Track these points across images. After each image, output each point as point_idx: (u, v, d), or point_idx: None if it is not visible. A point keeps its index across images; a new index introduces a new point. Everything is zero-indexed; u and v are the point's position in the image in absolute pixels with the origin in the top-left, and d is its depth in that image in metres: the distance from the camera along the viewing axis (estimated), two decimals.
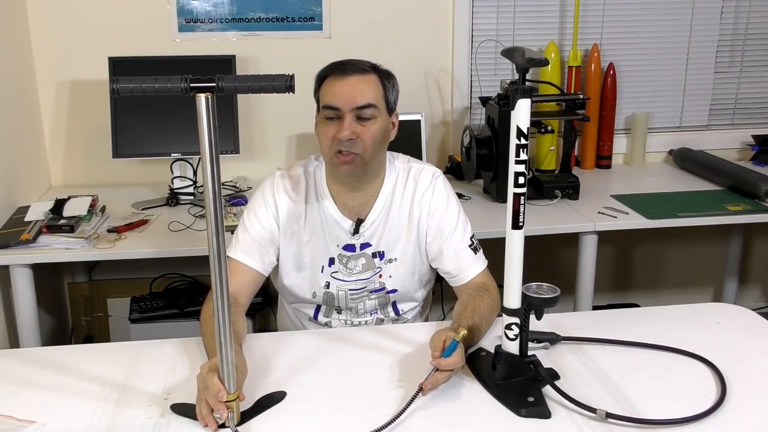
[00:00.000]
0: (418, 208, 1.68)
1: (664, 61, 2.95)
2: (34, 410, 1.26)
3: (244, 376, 1.30)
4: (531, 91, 1.22)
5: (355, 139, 1.54)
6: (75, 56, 2.61)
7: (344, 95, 1.53)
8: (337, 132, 1.54)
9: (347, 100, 1.53)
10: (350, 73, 1.55)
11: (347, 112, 1.53)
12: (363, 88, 1.55)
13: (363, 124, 1.55)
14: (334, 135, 1.54)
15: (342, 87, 1.54)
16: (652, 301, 3.19)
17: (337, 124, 1.55)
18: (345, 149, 1.54)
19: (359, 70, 1.56)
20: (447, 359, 1.28)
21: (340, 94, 1.54)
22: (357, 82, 1.54)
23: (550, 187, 2.47)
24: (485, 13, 2.80)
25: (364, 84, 1.55)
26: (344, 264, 1.68)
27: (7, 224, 2.19)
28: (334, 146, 1.55)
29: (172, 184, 2.52)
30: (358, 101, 1.54)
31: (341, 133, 1.53)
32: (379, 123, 1.57)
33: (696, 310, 1.69)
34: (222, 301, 1.16)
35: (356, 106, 1.53)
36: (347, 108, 1.53)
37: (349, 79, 1.54)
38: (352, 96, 1.53)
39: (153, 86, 1.09)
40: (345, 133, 1.52)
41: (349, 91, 1.54)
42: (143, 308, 2.51)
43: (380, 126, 1.57)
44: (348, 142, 1.53)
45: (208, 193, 1.12)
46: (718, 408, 1.25)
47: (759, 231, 3.16)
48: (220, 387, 1.18)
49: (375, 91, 1.56)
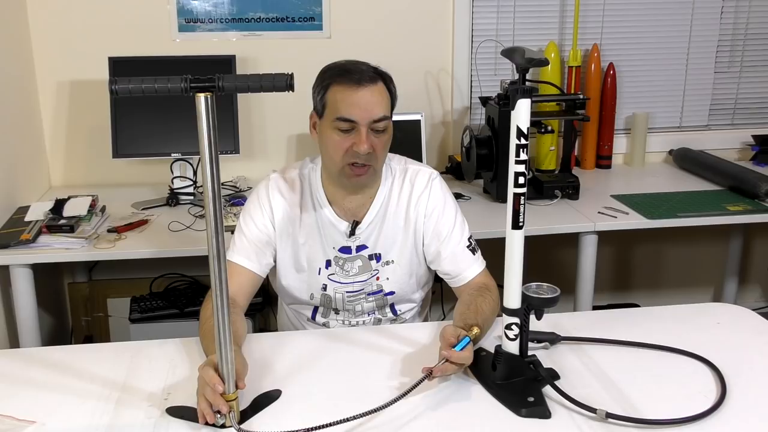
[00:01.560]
0: (415, 210, 1.67)
1: (664, 61, 2.95)
2: (34, 410, 1.26)
3: (245, 369, 1.31)
4: (531, 91, 1.22)
5: (372, 152, 1.54)
6: (75, 56, 2.61)
7: (361, 108, 1.52)
8: (352, 145, 1.53)
9: (365, 113, 1.52)
10: (363, 83, 1.52)
11: (363, 125, 1.52)
12: (377, 100, 1.53)
13: (377, 137, 1.55)
14: (348, 147, 1.53)
15: (358, 99, 1.52)
16: (652, 301, 3.19)
17: (351, 136, 1.53)
18: (361, 162, 1.54)
19: (369, 79, 1.53)
20: (459, 352, 1.30)
21: (356, 107, 1.52)
22: (371, 94, 1.53)
23: (550, 187, 2.47)
24: (485, 13, 2.80)
25: (377, 95, 1.54)
26: (341, 266, 1.68)
27: (7, 224, 2.19)
28: (347, 158, 1.55)
29: (172, 184, 2.52)
30: (375, 114, 1.53)
31: (359, 147, 1.52)
32: (390, 132, 1.58)
33: (696, 310, 1.69)
34: (222, 301, 1.16)
35: (373, 120, 1.53)
36: (364, 121, 1.52)
37: (363, 92, 1.52)
38: (369, 109, 1.52)
39: (153, 86, 1.09)
40: (364, 147, 1.52)
41: (365, 103, 1.52)
42: (143, 308, 2.51)
43: (390, 135, 1.58)
44: (365, 156, 1.53)
45: (208, 193, 1.12)
46: (718, 408, 1.25)
47: (759, 231, 3.16)
48: (216, 379, 1.19)
49: (386, 102, 1.56)
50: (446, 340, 1.34)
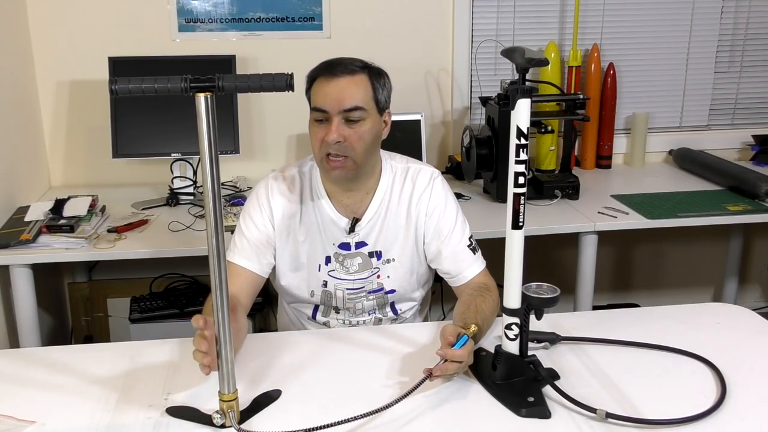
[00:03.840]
0: (416, 208, 1.67)
1: (664, 61, 2.95)
2: (34, 410, 1.26)
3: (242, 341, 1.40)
4: (531, 91, 1.22)
5: (343, 142, 1.53)
6: (75, 56, 2.61)
7: (332, 97, 1.53)
8: (326, 134, 1.53)
9: (335, 102, 1.53)
10: (339, 74, 1.53)
11: (335, 114, 1.53)
12: (351, 90, 1.53)
13: (351, 127, 1.54)
14: (322, 137, 1.54)
15: (330, 89, 1.53)
16: (652, 301, 3.19)
17: (325, 126, 1.54)
18: (333, 152, 1.54)
19: (348, 71, 1.54)
20: (456, 351, 1.30)
21: (328, 96, 1.53)
22: (345, 83, 1.53)
23: (550, 187, 2.47)
24: (485, 13, 2.80)
25: (352, 86, 1.54)
26: (341, 263, 1.68)
27: (7, 224, 2.19)
28: (323, 149, 1.55)
29: (172, 184, 2.52)
30: (346, 104, 1.53)
31: (328, 136, 1.52)
32: (369, 124, 1.56)
33: (696, 310, 1.69)
34: (222, 301, 1.16)
35: (343, 109, 1.53)
36: (335, 110, 1.53)
37: (337, 81, 1.53)
38: (340, 98, 1.53)
39: (153, 86, 1.09)
40: (332, 136, 1.52)
41: (337, 93, 1.53)
42: (143, 308, 2.51)
43: (370, 127, 1.56)
44: (336, 145, 1.53)
45: (208, 193, 1.12)
46: (718, 408, 1.25)
47: (759, 231, 3.16)
48: (197, 317, 1.24)
49: (364, 93, 1.55)
50: (445, 339, 1.34)
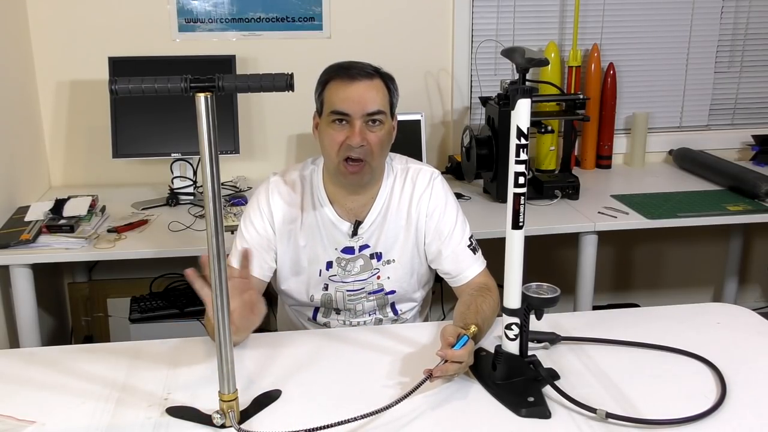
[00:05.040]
0: (417, 209, 1.67)
1: (664, 61, 2.95)
2: (34, 410, 1.26)
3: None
4: (531, 91, 1.22)
5: (366, 146, 1.54)
6: (75, 56, 2.61)
7: (354, 101, 1.53)
8: (347, 138, 1.53)
9: (358, 105, 1.53)
10: (358, 77, 1.54)
11: (357, 118, 1.53)
12: (372, 94, 1.54)
13: (372, 131, 1.55)
14: (342, 141, 1.54)
15: (351, 92, 1.53)
16: (652, 301, 3.19)
17: (346, 129, 1.54)
18: (354, 156, 1.54)
19: (366, 75, 1.55)
20: (456, 351, 1.30)
21: (350, 100, 1.53)
22: (366, 87, 1.54)
23: (550, 187, 2.47)
24: (485, 13, 2.80)
25: (372, 89, 1.54)
26: (342, 267, 1.68)
27: (7, 224, 2.18)
28: (342, 152, 1.55)
29: (172, 184, 2.52)
30: (369, 107, 1.53)
31: (352, 139, 1.53)
32: (386, 128, 1.58)
33: (696, 310, 1.69)
34: (222, 301, 1.16)
35: (366, 113, 1.53)
36: (357, 114, 1.53)
37: (358, 85, 1.53)
38: (363, 102, 1.53)
39: (153, 86, 1.09)
40: (356, 139, 1.52)
41: (359, 96, 1.53)
42: (143, 308, 2.51)
43: (386, 131, 1.58)
44: (359, 149, 1.53)
45: (208, 193, 1.12)
46: (718, 408, 1.25)
47: (759, 231, 3.16)
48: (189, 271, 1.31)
49: (383, 97, 1.57)
50: (445, 340, 1.34)
